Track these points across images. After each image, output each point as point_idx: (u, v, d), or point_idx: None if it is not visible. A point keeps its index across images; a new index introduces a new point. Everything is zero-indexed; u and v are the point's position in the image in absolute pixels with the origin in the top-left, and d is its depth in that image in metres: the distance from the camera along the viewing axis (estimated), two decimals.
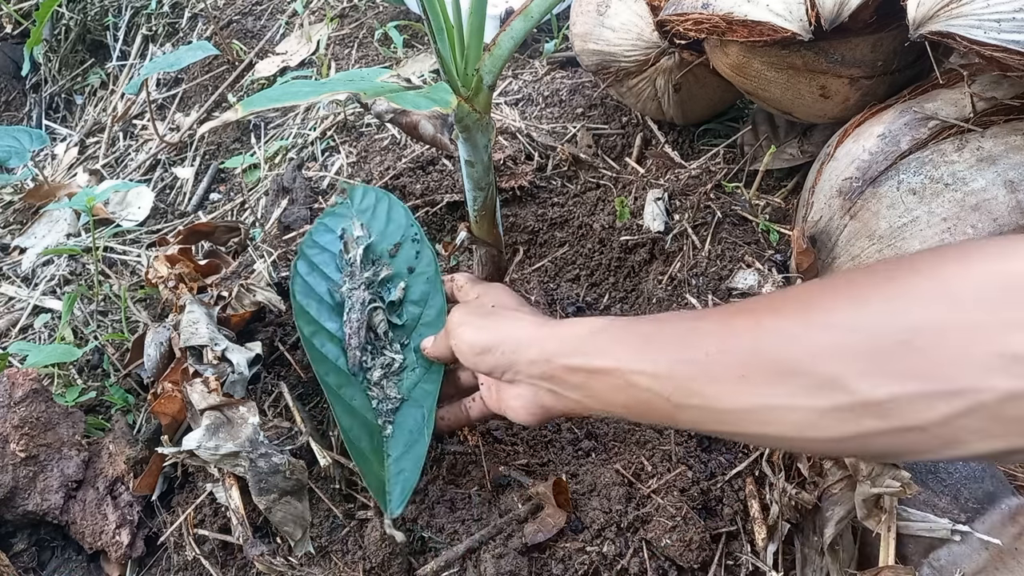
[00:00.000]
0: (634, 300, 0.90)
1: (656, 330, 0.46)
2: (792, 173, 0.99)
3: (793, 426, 0.38)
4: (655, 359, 0.44)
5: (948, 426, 0.33)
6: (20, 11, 1.62)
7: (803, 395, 0.37)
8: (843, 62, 0.80)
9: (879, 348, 0.34)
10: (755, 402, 0.39)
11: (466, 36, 0.55)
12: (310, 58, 1.39)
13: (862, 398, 0.35)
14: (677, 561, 0.59)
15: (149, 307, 0.94)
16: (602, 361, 0.47)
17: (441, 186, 1.01)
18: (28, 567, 0.71)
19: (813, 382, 0.36)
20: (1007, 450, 0.33)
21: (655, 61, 0.95)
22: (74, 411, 0.75)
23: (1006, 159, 0.71)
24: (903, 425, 0.34)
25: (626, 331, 0.48)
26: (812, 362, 0.36)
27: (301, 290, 0.72)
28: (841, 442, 0.37)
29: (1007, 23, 0.62)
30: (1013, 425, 0.32)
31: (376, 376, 0.69)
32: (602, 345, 0.48)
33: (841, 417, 0.36)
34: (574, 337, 0.50)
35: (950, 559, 0.59)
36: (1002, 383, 0.31)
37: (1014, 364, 0.31)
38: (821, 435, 0.37)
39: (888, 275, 0.37)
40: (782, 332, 0.38)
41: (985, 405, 0.32)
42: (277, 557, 0.62)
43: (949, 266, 0.34)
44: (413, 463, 0.64)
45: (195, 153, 1.33)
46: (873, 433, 0.35)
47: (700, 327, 0.43)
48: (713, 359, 0.41)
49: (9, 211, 1.27)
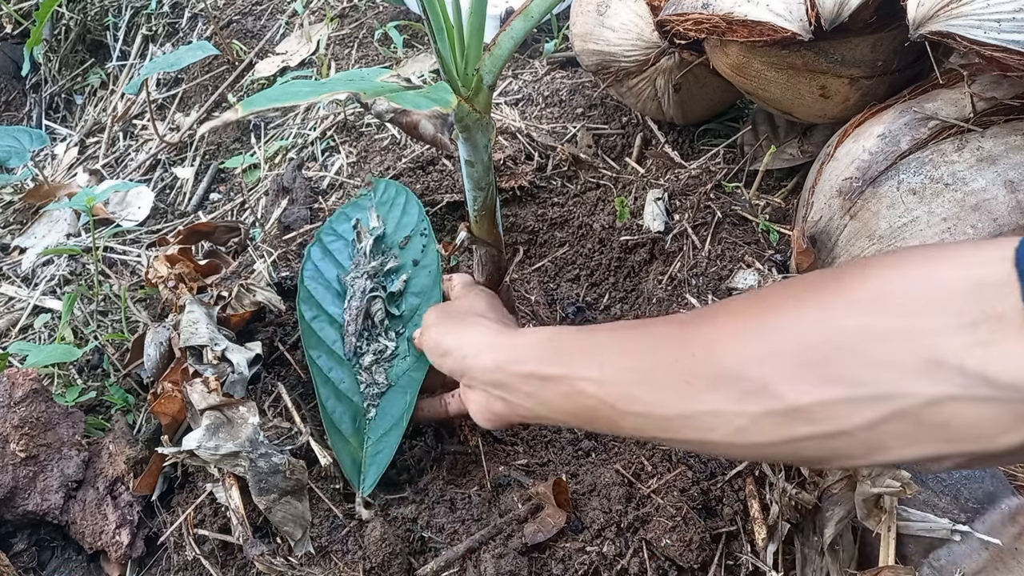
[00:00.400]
0: (634, 300, 0.90)
1: (606, 338, 0.47)
2: (792, 173, 0.99)
3: (732, 432, 0.38)
4: (602, 365, 0.45)
5: (873, 431, 0.34)
6: (20, 11, 1.62)
7: (739, 401, 0.37)
8: (843, 62, 0.80)
9: (809, 354, 0.35)
10: (695, 408, 0.39)
11: (466, 36, 0.55)
12: (310, 58, 1.39)
13: (791, 403, 0.35)
14: (677, 561, 0.59)
15: (149, 307, 0.94)
16: (552, 368, 0.48)
17: (441, 186, 1.01)
18: (28, 567, 0.71)
19: (748, 388, 0.37)
20: (931, 456, 0.33)
21: (655, 61, 0.95)
22: (74, 411, 0.74)
23: (1006, 159, 0.71)
24: (831, 430, 0.35)
25: (577, 339, 0.48)
26: (747, 368, 0.37)
27: (310, 274, 0.76)
28: (776, 447, 0.38)
29: (1007, 23, 0.62)
30: (935, 431, 0.32)
31: (367, 361, 0.72)
32: (553, 353, 0.49)
33: (774, 422, 0.36)
34: (527, 345, 0.51)
35: (950, 559, 0.59)
36: (925, 388, 0.32)
37: (937, 369, 0.31)
38: (757, 440, 0.38)
39: (823, 283, 0.37)
40: (722, 339, 0.39)
41: (908, 410, 0.32)
42: (277, 557, 0.62)
43: (881, 273, 0.35)
44: (389, 447, 0.67)
45: (195, 153, 1.33)
46: (804, 438, 0.36)
47: (650, 334, 0.44)
48: (658, 366, 0.42)
49: (9, 211, 1.27)
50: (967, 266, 0.32)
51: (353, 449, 0.68)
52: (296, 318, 0.82)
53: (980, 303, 0.31)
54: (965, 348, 0.31)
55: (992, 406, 0.30)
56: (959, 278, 0.32)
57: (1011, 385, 0.30)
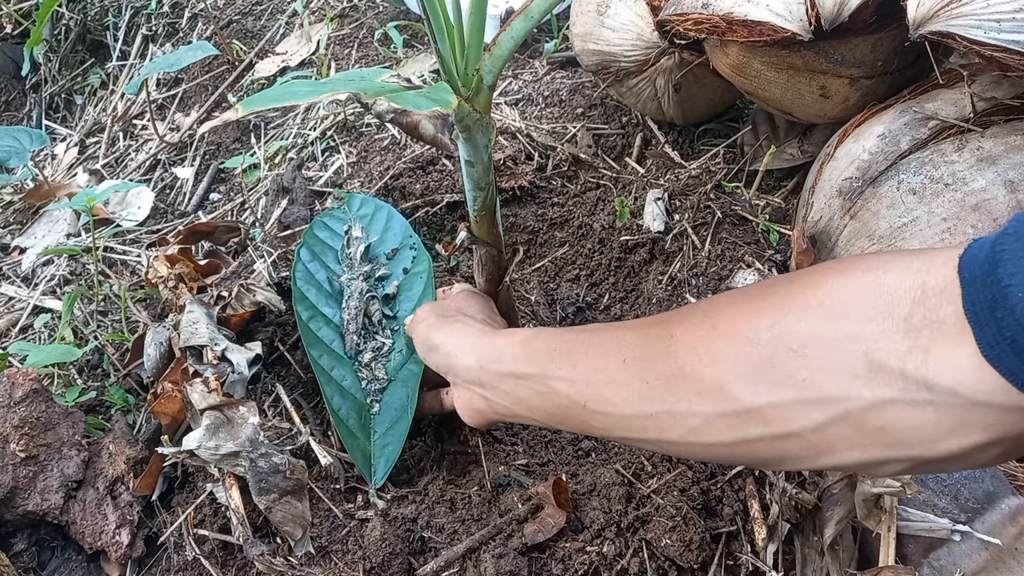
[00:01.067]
0: (634, 300, 0.90)
1: (583, 339, 0.48)
2: (792, 173, 0.99)
3: (686, 431, 0.39)
4: (575, 366, 0.46)
5: (820, 433, 0.34)
6: (20, 11, 1.62)
7: (693, 401, 0.38)
8: (843, 62, 0.80)
9: (763, 357, 0.36)
10: (653, 408, 0.40)
11: (466, 36, 0.55)
12: (310, 58, 1.39)
13: (745, 404, 0.36)
14: (677, 561, 0.59)
15: (149, 307, 0.94)
16: (528, 367, 0.49)
17: (441, 186, 1.01)
18: (28, 567, 0.70)
19: (701, 388, 0.38)
20: (874, 460, 0.34)
21: (655, 61, 0.95)
22: (74, 411, 0.74)
23: (1006, 159, 0.71)
24: (781, 431, 0.35)
25: (555, 340, 0.49)
26: (701, 369, 0.38)
27: (302, 275, 0.77)
28: (730, 447, 0.38)
29: (1007, 23, 0.62)
30: (877, 435, 0.33)
31: (367, 358, 0.74)
32: (531, 352, 0.50)
33: (728, 423, 0.37)
34: (506, 345, 0.52)
35: (950, 559, 0.59)
36: (867, 392, 0.32)
37: (878, 374, 0.32)
38: (713, 440, 0.38)
39: (777, 289, 0.38)
40: (680, 341, 0.40)
41: (851, 413, 0.33)
42: (277, 557, 0.62)
43: (832, 280, 0.35)
44: (397, 438, 0.69)
45: (195, 153, 1.33)
46: (756, 439, 0.37)
47: (621, 336, 0.45)
48: (622, 366, 0.43)
49: (9, 211, 1.27)
50: (913, 272, 0.32)
51: (362, 444, 0.70)
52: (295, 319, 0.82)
53: (922, 308, 0.31)
54: (906, 352, 0.31)
55: (932, 411, 0.31)
56: (904, 284, 0.32)
57: (949, 390, 0.30)
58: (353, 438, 0.69)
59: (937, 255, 0.32)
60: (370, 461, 0.69)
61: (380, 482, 0.68)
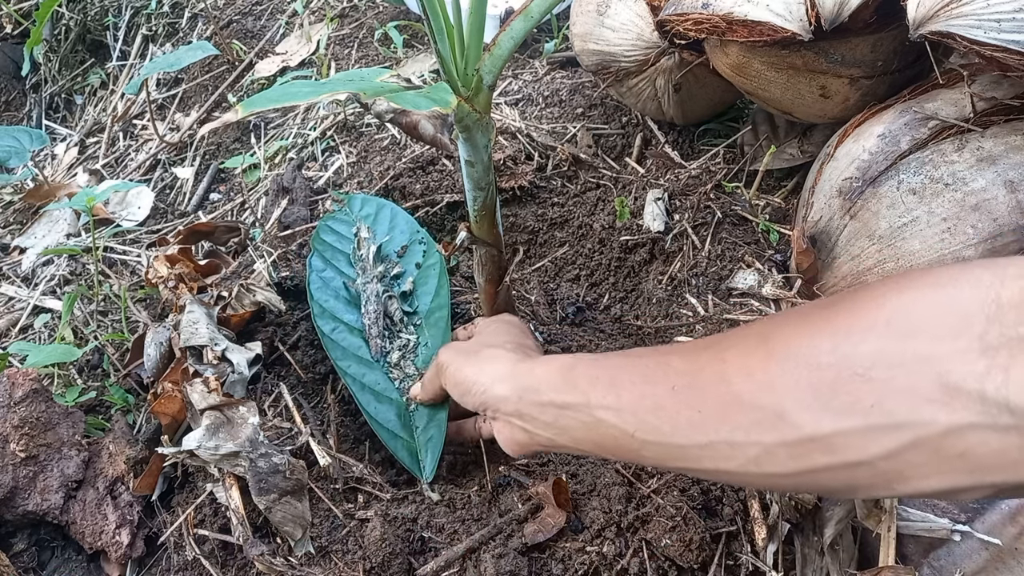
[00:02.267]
0: (634, 300, 0.90)
1: (625, 364, 0.46)
2: (792, 173, 0.99)
3: (747, 461, 0.37)
4: (620, 394, 0.44)
5: (893, 461, 0.32)
6: (20, 11, 1.62)
7: (753, 430, 0.36)
8: (843, 62, 0.80)
9: (825, 382, 0.34)
10: (708, 438, 0.38)
11: (466, 36, 0.55)
12: (310, 58, 1.39)
13: (808, 433, 0.34)
14: (677, 561, 0.59)
15: (149, 307, 0.94)
16: (570, 396, 0.47)
17: (441, 186, 1.01)
18: (28, 567, 0.70)
19: (761, 416, 0.36)
20: (954, 487, 0.32)
21: (655, 61, 0.95)
22: (74, 411, 0.74)
23: (1006, 159, 0.71)
24: (850, 460, 0.33)
25: (595, 367, 0.48)
26: (760, 396, 0.36)
27: (317, 286, 0.76)
28: (795, 477, 0.36)
29: (1007, 23, 0.62)
30: (955, 462, 0.31)
31: (395, 358, 0.74)
32: (571, 381, 0.48)
33: (790, 452, 0.35)
34: (544, 373, 0.50)
35: (950, 559, 0.59)
36: (943, 417, 0.30)
37: (954, 397, 0.30)
38: (774, 470, 0.36)
39: (836, 308, 0.36)
40: (739, 367, 0.38)
41: (926, 440, 0.31)
42: (277, 557, 0.62)
43: (896, 297, 0.33)
44: (438, 429, 0.70)
45: (195, 153, 1.33)
46: (823, 468, 0.35)
47: (667, 362, 0.43)
48: (676, 395, 0.41)
49: (9, 211, 1.27)
50: (985, 286, 0.30)
51: (407, 443, 0.70)
52: (296, 319, 0.82)
53: (998, 325, 0.29)
54: (984, 373, 0.29)
55: (1016, 435, 0.29)
56: (977, 299, 0.30)
57: None
58: (396, 439, 0.70)
59: (1008, 265, 0.30)
60: (417, 458, 0.69)
61: (431, 475, 0.68)
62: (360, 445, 0.74)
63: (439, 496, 0.66)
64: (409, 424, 0.71)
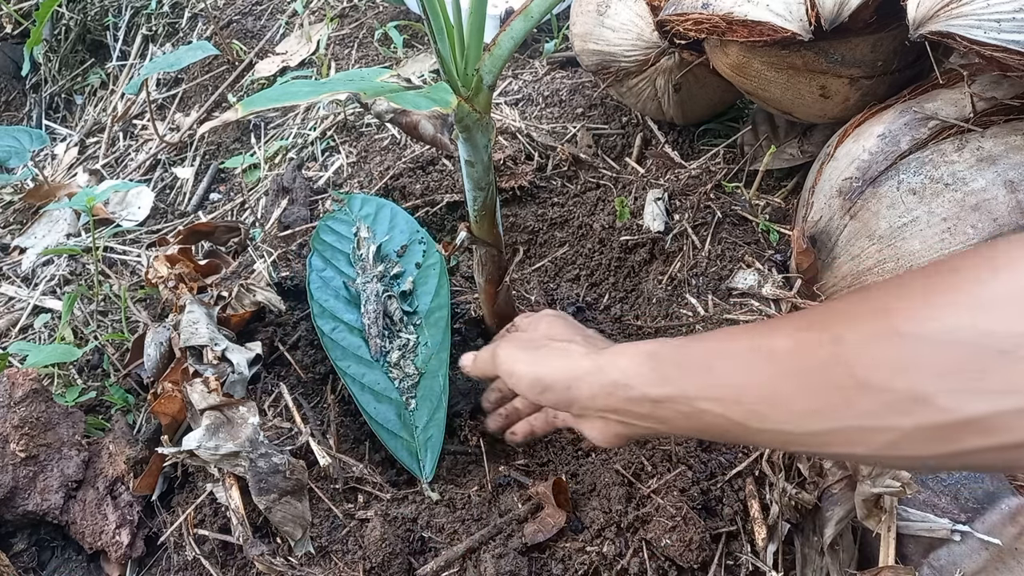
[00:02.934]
0: (634, 300, 0.90)
1: (717, 350, 0.43)
2: (792, 173, 0.99)
3: (883, 446, 0.35)
4: (720, 384, 0.41)
5: None
6: (20, 11, 1.62)
7: (886, 415, 0.34)
8: (843, 62, 0.80)
9: (969, 362, 0.32)
10: (831, 424, 0.36)
11: (466, 36, 0.55)
12: (310, 58, 1.39)
13: (957, 416, 0.32)
14: (677, 561, 0.59)
15: (149, 307, 0.94)
16: (664, 389, 0.45)
17: (441, 186, 1.01)
18: (28, 567, 0.71)
19: (895, 400, 0.34)
20: None
21: (655, 61, 0.95)
22: (74, 411, 0.74)
23: (1006, 159, 0.71)
24: (1011, 442, 0.31)
25: (682, 354, 0.45)
26: (891, 379, 0.34)
27: (317, 286, 0.76)
28: (942, 459, 0.34)
29: (1007, 23, 0.62)
30: None
31: (395, 357, 0.75)
32: (661, 372, 0.46)
33: (935, 435, 0.33)
34: (631, 366, 0.48)
35: (950, 559, 0.59)
36: None
37: None
38: (917, 453, 0.34)
39: (966, 274, 0.34)
40: (859, 347, 0.35)
41: None
42: (277, 557, 0.62)
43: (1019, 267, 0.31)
44: (438, 428, 0.71)
45: (195, 153, 1.33)
46: (977, 450, 0.33)
47: (767, 345, 0.40)
48: (787, 381, 0.38)
49: (9, 211, 1.27)
50: None
51: (406, 442, 0.70)
52: (296, 318, 0.82)
53: None
54: None
55: None
56: None
57: None
58: (396, 439, 0.70)
59: None
60: (417, 457, 0.70)
61: (431, 475, 0.68)
62: (360, 445, 0.74)
63: (439, 496, 0.66)
64: (409, 424, 0.71)
